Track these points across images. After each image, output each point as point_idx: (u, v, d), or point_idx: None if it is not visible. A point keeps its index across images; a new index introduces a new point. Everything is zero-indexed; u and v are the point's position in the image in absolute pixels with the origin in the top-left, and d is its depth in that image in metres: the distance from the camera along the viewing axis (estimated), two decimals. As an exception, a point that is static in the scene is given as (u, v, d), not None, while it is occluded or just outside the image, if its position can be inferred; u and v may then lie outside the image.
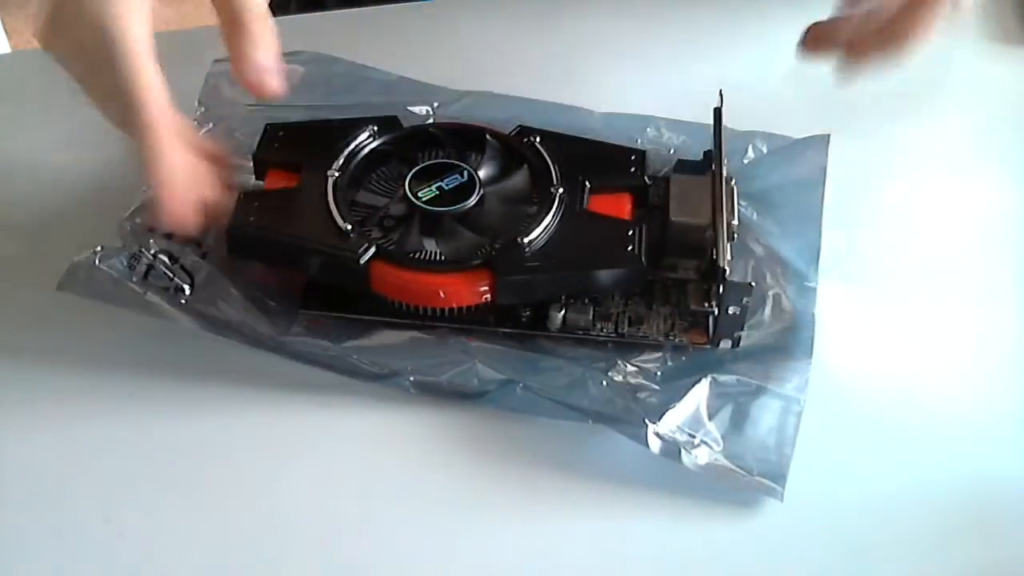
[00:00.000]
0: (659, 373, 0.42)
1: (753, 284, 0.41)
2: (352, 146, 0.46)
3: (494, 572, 0.39)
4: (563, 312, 0.43)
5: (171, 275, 0.44)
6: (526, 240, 0.43)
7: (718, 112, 0.47)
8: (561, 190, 0.44)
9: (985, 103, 0.54)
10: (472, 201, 0.44)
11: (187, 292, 0.44)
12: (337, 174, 0.45)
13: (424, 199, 0.44)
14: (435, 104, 0.53)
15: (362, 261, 0.42)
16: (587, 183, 0.45)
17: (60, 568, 0.38)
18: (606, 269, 0.43)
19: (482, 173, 0.46)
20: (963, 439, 0.42)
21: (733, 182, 0.45)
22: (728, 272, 0.41)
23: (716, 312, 0.42)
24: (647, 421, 0.39)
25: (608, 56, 0.57)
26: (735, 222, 0.44)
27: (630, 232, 0.43)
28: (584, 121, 0.51)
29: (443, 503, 0.40)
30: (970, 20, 0.55)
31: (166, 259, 0.44)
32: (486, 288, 0.42)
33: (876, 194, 0.51)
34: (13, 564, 0.39)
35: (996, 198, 0.50)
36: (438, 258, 0.44)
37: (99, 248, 0.43)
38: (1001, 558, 0.38)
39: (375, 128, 0.47)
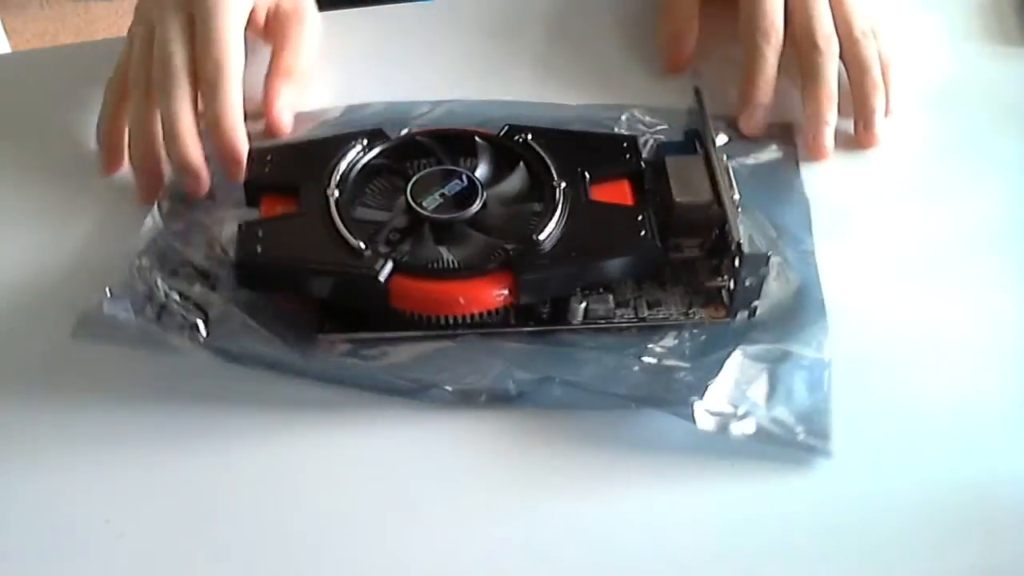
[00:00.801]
0: (687, 351, 0.43)
1: (770, 254, 0.42)
2: (345, 163, 0.45)
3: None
4: (584, 304, 0.44)
5: (184, 313, 0.42)
6: (541, 237, 0.43)
7: (699, 92, 0.48)
8: (563, 184, 0.45)
9: (985, 103, 0.54)
10: (478, 204, 0.44)
11: (202, 328, 0.42)
12: (337, 192, 0.44)
13: (430, 208, 0.44)
14: (409, 118, 0.52)
15: (382, 277, 0.42)
16: (586, 174, 0.45)
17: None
18: (623, 256, 0.43)
19: (481, 176, 0.46)
20: (963, 439, 0.42)
21: (725, 157, 0.47)
22: (743, 244, 0.42)
23: (733, 285, 0.43)
24: (693, 399, 0.40)
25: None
26: (736, 196, 0.45)
27: (640, 217, 0.44)
28: (560, 114, 0.52)
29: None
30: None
31: (177, 296, 0.42)
32: (508, 290, 0.42)
33: (871, 196, 0.50)
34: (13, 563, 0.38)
35: (996, 198, 0.50)
36: (454, 265, 0.43)
37: (108, 292, 0.42)
38: (1001, 558, 0.39)
39: (364, 142, 0.46)
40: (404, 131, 0.50)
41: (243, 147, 0.48)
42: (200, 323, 0.42)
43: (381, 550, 0.39)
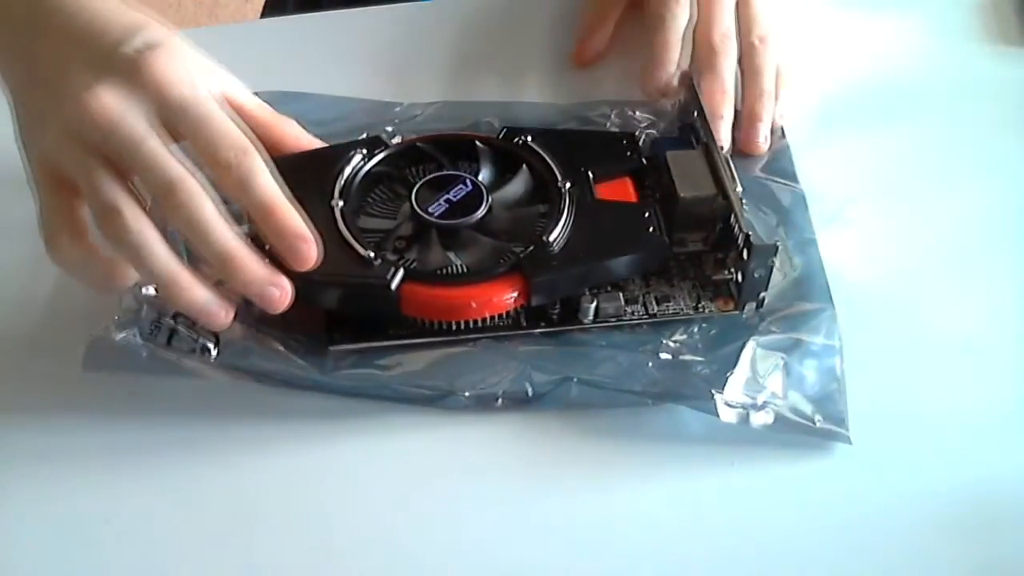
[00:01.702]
0: (699, 345, 0.43)
1: (778, 244, 0.42)
2: (347, 172, 0.45)
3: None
4: (595, 303, 0.44)
5: (195, 336, 0.41)
6: (550, 239, 0.43)
7: (694, 86, 0.48)
8: (569, 184, 0.45)
9: (985, 103, 0.54)
10: (484, 209, 0.44)
11: (213, 350, 0.42)
12: (341, 203, 0.44)
13: (435, 214, 0.44)
14: (396, 120, 0.52)
15: (393, 286, 0.41)
16: (589, 173, 0.45)
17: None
18: (632, 254, 0.43)
19: (484, 180, 0.45)
20: (966, 434, 0.42)
21: (724, 150, 0.47)
22: (751, 236, 0.42)
23: (740, 277, 0.44)
24: (714, 392, 0.41)
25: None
26: (739, 188, 0.45)
27: (646, 214, 0.44)
28: (548, 114, 0.52)
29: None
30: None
31: (186, 319, 0.42)
32: (519, 292, 0.42)
33: (872, 195, 0.50)
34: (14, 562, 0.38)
35: (996, 198, 0.50)
36: (464, 270, 0.43)
37: (116, 318, 0.41)
38: (1001, 558, 0.39)
39: (364, 151, 0.46)
40: (398, 138, 0.49)
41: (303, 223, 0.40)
42: (210, 345, 0.42)
43: (402, 557, 0.39)
